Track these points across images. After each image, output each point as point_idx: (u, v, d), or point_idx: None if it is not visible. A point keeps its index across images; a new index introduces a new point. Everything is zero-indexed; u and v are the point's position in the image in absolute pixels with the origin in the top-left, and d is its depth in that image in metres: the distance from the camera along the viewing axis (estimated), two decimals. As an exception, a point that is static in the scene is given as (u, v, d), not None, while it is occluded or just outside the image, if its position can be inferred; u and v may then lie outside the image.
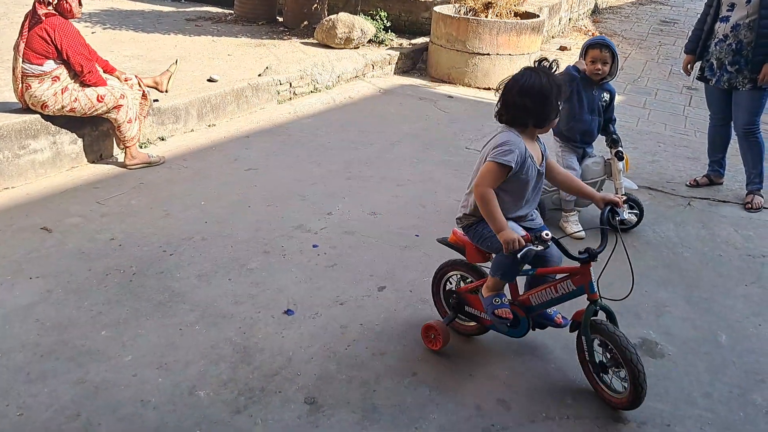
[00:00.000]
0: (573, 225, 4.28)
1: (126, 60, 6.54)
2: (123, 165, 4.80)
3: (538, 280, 2.93)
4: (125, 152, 4.79)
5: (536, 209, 2.95)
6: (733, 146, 5.22)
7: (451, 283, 3.24)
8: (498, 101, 2.79)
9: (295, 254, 3.80)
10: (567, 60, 9.46)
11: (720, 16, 4.87)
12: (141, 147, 4.98)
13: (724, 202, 5.03)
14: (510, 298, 2.96)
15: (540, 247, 2.58)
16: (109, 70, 4.76)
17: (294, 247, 3.88)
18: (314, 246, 3.90)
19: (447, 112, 6.73)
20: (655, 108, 7.63)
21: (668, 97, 8.17)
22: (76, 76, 4.44)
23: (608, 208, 2.79)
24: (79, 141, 4.74)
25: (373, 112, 6.58)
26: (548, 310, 2.95)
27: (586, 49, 4.15)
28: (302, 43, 8.18)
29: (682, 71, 5.36)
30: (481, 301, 2.94)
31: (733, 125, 5.09)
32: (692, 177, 5.38)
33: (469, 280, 3.12)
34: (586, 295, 2.75)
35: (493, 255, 2.88)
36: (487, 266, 2.99)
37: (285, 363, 2.92)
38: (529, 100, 2.66)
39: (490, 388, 2.87)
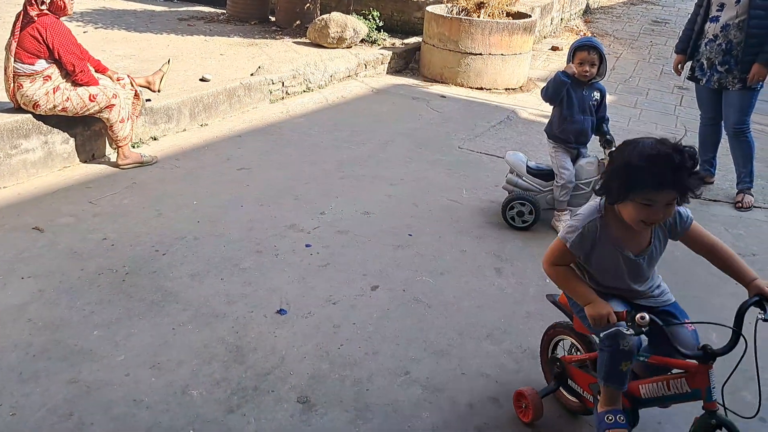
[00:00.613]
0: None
1: (118, 59, 6.53)
2: (115, 165, 4.79)
3: (658, 369, 2.41)
4: (117, 152, 4.77)
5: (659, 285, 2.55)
6: (724, 146, 5.25)
7: (560, 349, 2.80)
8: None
9: (288, 254, 3.81)
10: (559, 60, 9.50)
11: (710, 17, 4.90)
12: (133, 147, 4.97)
13: (714, 201, 5.06)
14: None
15: (631, 332, 2.14)
16: (101, 69, 4.75)
17: (287, 247, 3.88)
18: (307, 245, 3.90)
19: (440, 112, 6.74)
20: (647, 108, 7.67)
21: (659, 96, 8.21)
22: (68, 75, 4.43)
23: (754, 299, 2.31)
24: (71, 141, 4.72)
25: (365, 111, 6.59)
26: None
27: (574, 51, 4.16)
28: (294, 42, 8.18)
29: (672, 71, 5.39)
30: (583, 378, 2.54)
31: (723, 125, 5.12)
32: (683, 176, 5.40)
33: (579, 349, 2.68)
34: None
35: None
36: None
37: (278, 362, 2.93)
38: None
39: (482, 386, 2.88)
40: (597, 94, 4.29)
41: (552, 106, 4.35)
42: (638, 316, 2.09)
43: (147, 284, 3.42)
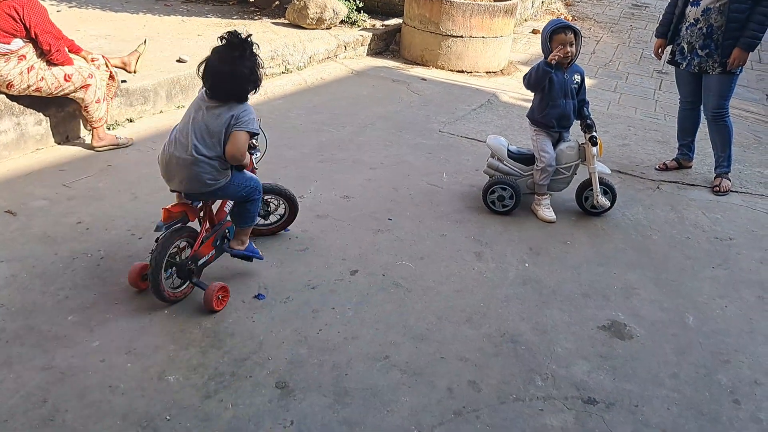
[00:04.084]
0: (545, 209, 4.30)
1: (93, 39, 6.39)
2: (90, 147, 4.70)
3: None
4: (92, 134, 4.69)
5: None
6: (703, 130, 5.28)
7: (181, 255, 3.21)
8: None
9: (267, 238, 3.77)
10: (540, 43, 9.47)
11: (691, 1, 4.90)
12: (109, 129, 4.88)
13: (692, 185, 5.10)
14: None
15: (258, 153, 3.39)
16: (75, 49, 4.64)
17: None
18: (285, 230, 3.87)
19: (420, 95, 6.71)
20: (626, 92, 7.69)
21: (639, 81, 8.23)
22: (43, 54, 4.32)
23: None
24: (45, 122, 4.63)
25: (345, 94, 6.53)
26: None
27: (550, 35, 4.14)
28: (273, 23, 8.07)
29: (653, 55, 5.40)
30: (207, 247, 3.23)
31: (702, 109, 5.14)
32: (662, 160, 5.44)
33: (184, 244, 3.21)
34: None
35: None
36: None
37: (256, 347, 2.90)
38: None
39: (461, 370, 2.89)
40: (577, 77, 4.29)
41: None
42: (251, 141, 3.20)
43: (123, 269, 3.37)
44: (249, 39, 3.04)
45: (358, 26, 8.31)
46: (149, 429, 2.45)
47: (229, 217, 3.38)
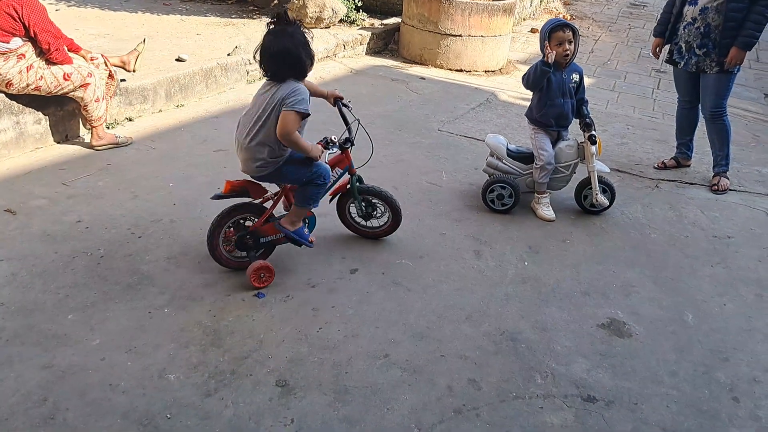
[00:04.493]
0: (544, 207, 4.31)
1: (92, 38, 6.39)
2: (90, 146, 4.71)
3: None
4: (92, 133, 4.69)
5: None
6: (701, 129, 5.29)
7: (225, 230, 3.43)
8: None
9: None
10: (538, 42, 9.47)
11: (688, 0, 4.91)
12: (108, 128, 4.88)
13: (691, 184, 5.11)
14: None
15: (334, 149, 3.48)
16: (75, 48, 4.64)
17: (265, 229, 3.85)
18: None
19: (419, 94, 6.71)
20: (624, 91, 7.70)
21: (637, 80, 8.24)
22: (42, 53, 4.33)
23: (340, 102, 3.56)
24: (44, 121, 4.63)
25: (344, 92, 6.45)
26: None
27: (549, 34, 4.13)
28: (272, 22, 8.06)
29: (651, 54, 5.41)
30: (271, 227, 3.38)
31: (700, 108, 5.15)
32: (660, 159, 5.45)
33: (238, 221, 3.43)
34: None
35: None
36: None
37: (256, 346, 2.91)
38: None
39: (460, 368, 2.90)
40: (576, 76, 4.29)
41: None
42: (331, 137, 3.41)
43: (123, 267, 3.38)
44: (296, 19, 3.15)
45: (357, 25, 8.31)
46: (150, 427, 2.45)
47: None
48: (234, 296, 3.23)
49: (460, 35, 7.62)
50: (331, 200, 3.72)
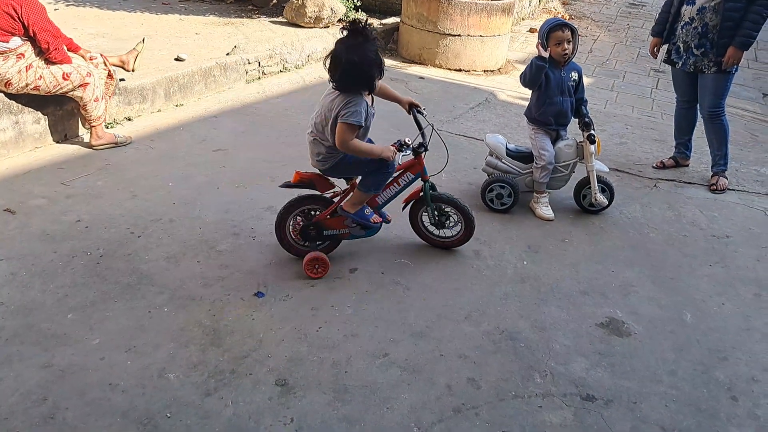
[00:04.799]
0: (543, 207, 4.32)
1: (90, 38, 6.39)
2: (89, 145, 4.71)
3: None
4: (91, 132, 4.69)
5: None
6: (700, 129, 5.30)
7: (292, 222, 3.58)
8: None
9: (266, 236, 3.78)
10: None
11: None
12: (107, 127, 4.88)
13: (689, 183, 5.11)
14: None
15: (408, 151, 3.40)
16: (74, 48, 4.64)
17: (264, 229, 3.85)
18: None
19: (418, 93, 6.71)
20: (623, 90, 7.71)
21: (636, 79, 8.25)
22: (41, 53, 4.32)
23: (415, 109, 3.54)
24: (43, 120, 4.63)
25: (343, 92, 6.51)
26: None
27: (548, 33, 4.14)
28: (271, 21, 8.07)
29: (649, 54, 5.41)
30: (337, 220, 3.48)
31: (698, 108, 5.16)
32: (659, 159, 5.46)
33: (308, 212, 3.55)
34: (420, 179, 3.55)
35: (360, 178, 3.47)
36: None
37: (255, 345, 2.91)
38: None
39: (460, 367, 2.90)
40: (575, 75, 4.30)
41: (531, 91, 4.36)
42: (405, 139, 3.35)
43: (122, 267, 3.38)
44: (369, 26, 3.12)
45: (356, 25, 8.29)
46: (149, 426, 2.45)
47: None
48: (233, 296, 3.23)
49: (459, 35, 7.63)
50: (404, 208, 3.73)
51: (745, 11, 4.61)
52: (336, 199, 3.53)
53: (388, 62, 7.73)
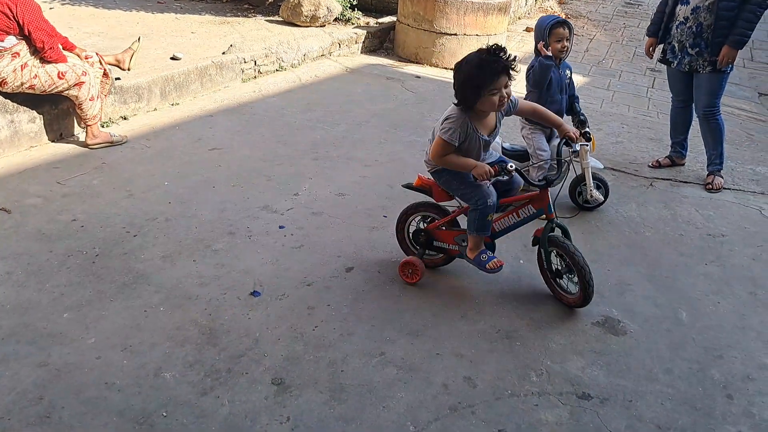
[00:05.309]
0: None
1: (86, 37, 6.38)
2: (84, 144, 4.70)
3: (499, 208, 3.36)
4: (87, 131, 4.68)
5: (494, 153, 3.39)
6: (695, 128, 5.31)
7: (412, 226, 3.63)
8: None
9: (261, 235, 3.78)
10: (533, 40, 9.49)
11: (681, -1, 4.93)
12: (103, 126, 4.88)
13: (685, 182, 5.12)
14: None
15: (506, 177, 3.10)
16: (69, 47, 4.63)
17: (260, 228, 3.85)
18: (281, 227, 3.87)
19: (414, 93, 6.71)
20: (619, 90, 7.72)
21: (632, 78, 8.26)
22: (37, 52, 4.32)
23: (563, 140, 3.27)
24: (39, 119, 4.62)
25: (339, 91, 6.53)
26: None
27: (550, 30, 4.15)
28: (267, 20, 8.07)
29: (644, 54, 5.42)
30: (448, 235, 3.42)
31: (694, 107, 5.17)
32: (655, 158, 5.47)
33: (431, 219, 3.55)
34: (545, 216, 3.27)
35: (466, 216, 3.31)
36: (450, 206, 3.48)
37: (252, 344, 2.91)
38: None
39: (456, 366, 2.90)
40: (568, 72, 4.34)
41: (527, 90, 4.35)
42: (508, 165, 3.02)
43: (118, 266, 3.37)
44: (505, 52, 2.96)
45: (352, 24, 8.31)
46: (146, 426, 2.45)
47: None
48: (230, 295, 3.23)
49: (455, 34, 7.63)
50: (533, 243, 3.43)
51: (739, 10, 4.62)
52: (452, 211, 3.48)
53: (384, 61, 7.75)
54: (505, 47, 2.96)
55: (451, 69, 7.82)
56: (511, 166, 3.02)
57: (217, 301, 3.17)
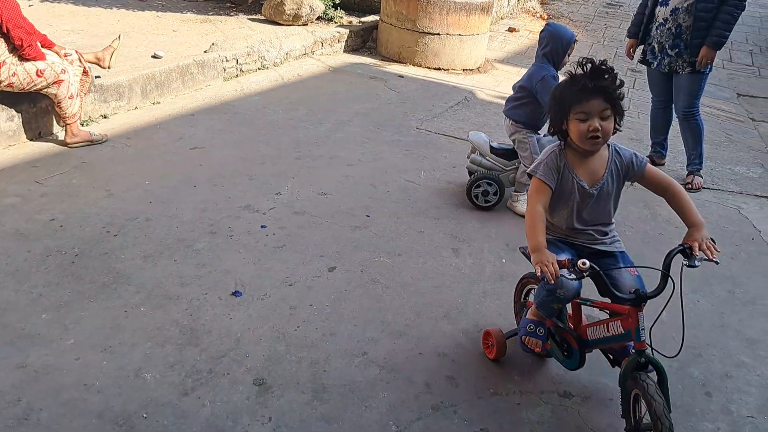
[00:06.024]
0: (522, 204, 4.33)
1: (65, 34, 6.31)
2: (63, 143, 4.64)
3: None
4: (66, 130, 4.63)
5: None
6: (675, 128, 5.36)
7: (532, 296, 3.01)
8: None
9: (243, 235, 3.76)
10: (516, 41, 9.55)
11: (660, 0, 4.97)
12: (83, 125, 4.82)
13: (665, 182, 5.16)
14: (570, 324, 2.76)
15: (572, 276, 2.33)
16: (48, 44, 4.57)
17: (241, 228, 3.83)
18: (262, 227, 3.86)
19: (397, 92, 6.72)
20: (601, 90, 7.75)
21: (613, 79, 8.30)
22: (15, 50, 4.26)
23: (679, 248, 2.47)
24: (17, 118, 4.55)
25: (322, 90, 6.52)
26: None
27: (570, 44, 4.29)
28: (249, 19, 8.03)
29: (625, 55, 5.47)
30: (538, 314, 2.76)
31: (674, 108, 5.22)
32: (635, 158, 5.51)
33: None
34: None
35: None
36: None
37: (233, 344, 2.89)
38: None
39: (438, 365, 2.90)
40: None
41: (515, 93, 4.29)
42: (579, 261, 2.27)
43: (98, 266, 3.34)
44: (603, 67, 2.43)
45: (335, 23, 8.30)
46: (126, 427, 2.43)
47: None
48: (211, 295, 3.21)
49: (438, 33, 7.64)
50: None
51: (716, 12, 4.67)
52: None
53: (367, 60, 7.75)
54: (612, 66, 2.41)
55: (434, 68, 7.85)
56: (584, 264, 2.27)
57: (198, 301, 3.15)
